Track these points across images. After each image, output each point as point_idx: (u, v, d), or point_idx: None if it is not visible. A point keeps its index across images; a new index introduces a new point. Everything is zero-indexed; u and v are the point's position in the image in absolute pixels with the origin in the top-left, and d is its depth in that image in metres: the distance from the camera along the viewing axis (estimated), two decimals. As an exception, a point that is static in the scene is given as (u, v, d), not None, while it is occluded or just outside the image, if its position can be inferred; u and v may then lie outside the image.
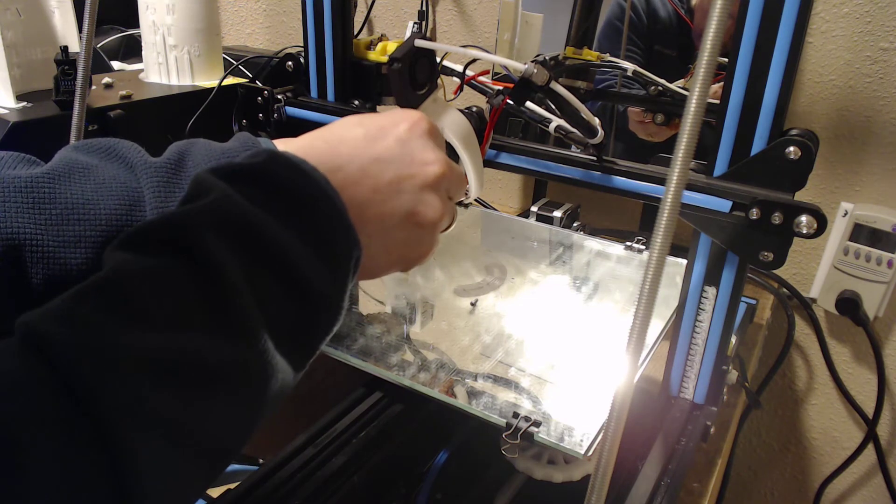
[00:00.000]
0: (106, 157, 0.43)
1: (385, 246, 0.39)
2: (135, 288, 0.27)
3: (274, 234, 0.31)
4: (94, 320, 0.26)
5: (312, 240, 0.33)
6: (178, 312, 0.28)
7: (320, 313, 0.33)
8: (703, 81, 0.32)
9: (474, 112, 0.57)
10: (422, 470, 0.68)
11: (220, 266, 0.29)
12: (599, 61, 0.85)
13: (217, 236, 0.30)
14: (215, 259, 0.29)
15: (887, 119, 0.89)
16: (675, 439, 0.61)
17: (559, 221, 0.89)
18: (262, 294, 0.30)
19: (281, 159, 0.34)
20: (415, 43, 0.47)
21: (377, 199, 0.37)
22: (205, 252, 0.29)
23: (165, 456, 0.26)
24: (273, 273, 0.31)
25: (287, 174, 0.33)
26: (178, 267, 0.29)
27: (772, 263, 0.55)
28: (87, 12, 0.57)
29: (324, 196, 0.34)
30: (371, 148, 0.38)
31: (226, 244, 0.30)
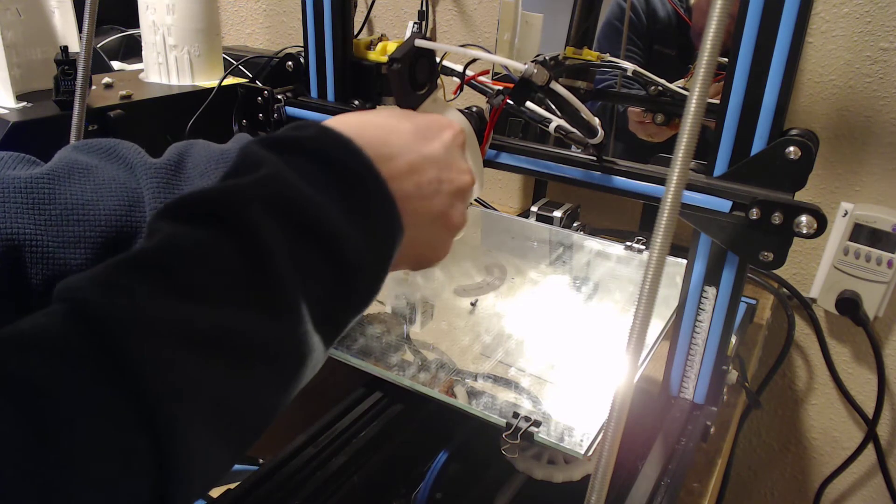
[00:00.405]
0: (106, 157, 0.44)
1: (413, 241, 0.39)
2: (182, 261, 0.27)
3: (323, 212, 0.31)
4: (141, 292, 0.26)
5: (360, 219, 0.33)
6: (224, 288, 0.28)
7: (359, 292, 0.34)
8: (703, 81, 0.32)
9: (474, 112, 0.57)
10: (422, 470, 0.68)
11: (268, 244, 0.29)
12: (599, 61, 0.85)
13: (266, 213, 0.30)
14: (263, 237, 0.29)
15: (887, 119, 0.89)
16: (675, 439, 0.61)
17: (559, 221, 0.89)
18: (306, 272, 0.30)
19: (331, 134, 0.34)
20: (415, 43, 0.47)
21: (418, 195, 0.39)
22: (254, 229, 0.29)
23: (204, 431, 0.26)
24: (320, 251, 0.31)
25: (337, 151, 0.34)
26: (225, 242, 0.29)
27: (772, 263, 0.55)
28: (87, 12, 0.57)
29: (372, 176, 0.34)
30: (420, 145, 0.40)
31: (275, 221, 0.30)
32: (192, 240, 0.28)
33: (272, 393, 0.30)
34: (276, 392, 0.30)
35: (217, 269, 0.28)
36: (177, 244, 0.28)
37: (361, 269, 0.33)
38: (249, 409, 0.28)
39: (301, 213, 0.31)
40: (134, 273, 0.27)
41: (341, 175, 0.33)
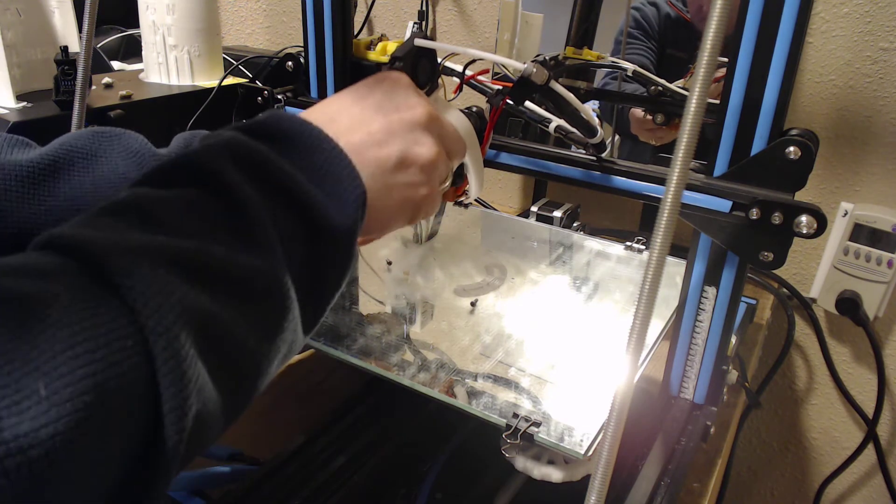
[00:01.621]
0: (109, 144, 0.44)
1: (387, 189, 0.40)
2: (155, 207, 0.28)
3: (284, 169, 0.33)
4: (118, 227, 0.27)
5: (317, 177, 0.34)
6: (201, 226, 0.29)
7: (332, 253, 0.35)
8: (703, 81, 0.32)
9: (474, 112, 0.57)
10: (422, 470, 0.68)
11: (240, 191, 0.30)
12: (599, 61, 0.85)
13: (234, 167, 0.31)
14: (234, 185, 0.30)
15: (887, 119, 0.89)
16: (675, 439, 0.61)
17: (559, 221, 0.89)
18: (277, 221, 0.32)
19: (278, 113, 0.37)
20: (415, 42, 0.47)
21: (372, 142, 0.39)
22: (224, 179, 0.30)
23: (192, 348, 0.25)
24: (286, 204, 0.32)
25: (286, 124, 0.36)
26: (202, 191, 0.30)
27: (772, 263, 0.55)
28: (87, 12, 0.57)
29: (321, 138, 0.36)
30: (359, 102, 0.41)
31: (243, 175, 0.31)
32: (160, 193, 0.29)
33: (254, 332, 0.30)
34: (258, 332, 0.30)
35: (194, 211, 0.29)
36: (147, 195, 0.29)
37: (331, 229, 0.34)
38: (233, 342, 0.28)
39: (271, 173, 0.33)
40: (109, 216, 0.27)
41: (291, 140, 0.35)
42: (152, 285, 0.24)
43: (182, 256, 0.27)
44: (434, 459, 0.68)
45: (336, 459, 0.65)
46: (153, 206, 0.28)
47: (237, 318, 0.28)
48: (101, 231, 0.26)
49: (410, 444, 0.71)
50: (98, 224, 0.27)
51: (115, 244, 0.25)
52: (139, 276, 0.24)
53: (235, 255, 0.29)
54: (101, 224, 0.27)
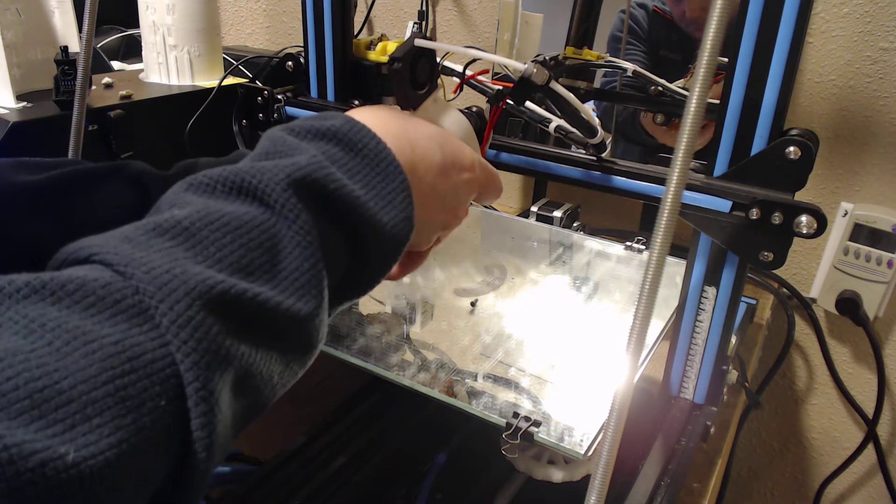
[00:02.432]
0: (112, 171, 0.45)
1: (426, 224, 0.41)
2: (209, 234, 0.27)
3: (355, 202, 0.32)
4: (169, 249, 0.26)
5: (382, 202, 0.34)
6: (253, 263, 0.28)
7: (362, 283, 0.35)
8: (703, 81, 0.32)
9: (474, 112, 0.57)
10: (422, 470, 0.68)
11: (301, 228, 0.30)
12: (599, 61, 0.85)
13: (300, 196, 0.30)
14: (297, 220, 0.30)
15: (887, 119, 0.89)
16: (675, 439, 0.61)
17: (559, 221, 0.89)
18: (332, 260, 0.31)
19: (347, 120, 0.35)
20: (415, 42, 0.47)
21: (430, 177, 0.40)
22: (288, 210, 0.29)
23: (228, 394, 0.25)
24: (346, 241, 0.32)
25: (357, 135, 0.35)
26: (259, 220, 0.29)
27: (772, 263, 0.55)
28: (87, 12, 0.57)
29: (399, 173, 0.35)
30: (441, 182, 0.41)
31: (308, 206, 0.30)
32: (224, 213, 0.28)
33: (282, 369, 0.30)
34: (286, 369, 0.30)
35: (247, 245, 0.28)
36: (209, 215, 0.28)
37: (375, 263, 0.34)
38: (261, 381, 0.28)
39: (335, 201, 0.32)
40: (160, 236, 0.27)
41: (372, 168, 0.34)
42: (193, 331, 0.24)
43: (229, 298, 0.26)
44: (434, 459, 0.68)
45: (336, 459, 0.65)
46: (207, 230, 0.27)
47: (271, 360, 0.28)
48: (147, 252, 0.25)
49: (410, 444, 0.71)
50: (146, 243, 0.26)
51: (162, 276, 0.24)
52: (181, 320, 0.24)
53: (287, 299, 0.28)
54: (149, 244, 0.26)
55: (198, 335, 0.24)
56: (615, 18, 0.96)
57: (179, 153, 0.47)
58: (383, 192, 0.34)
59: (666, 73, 0.85)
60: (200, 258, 0.26)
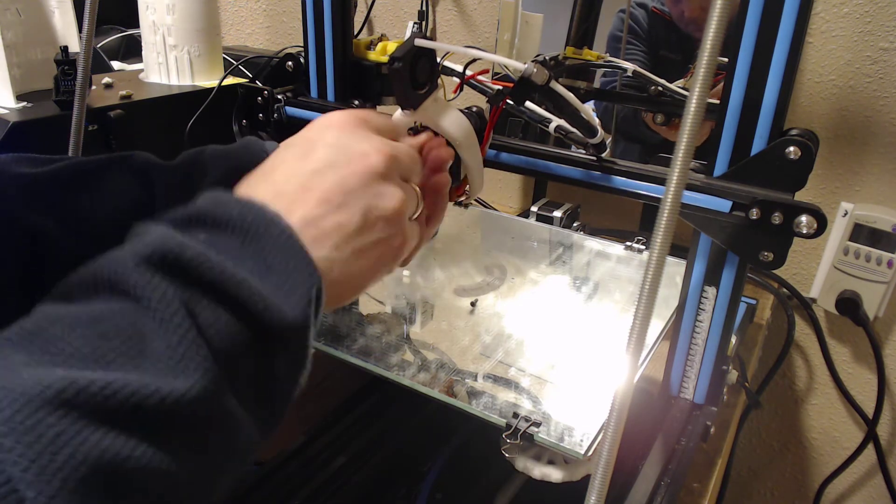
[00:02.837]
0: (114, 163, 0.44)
1: (356, 254, 0.36)
2: (57, 329, 0.25)
3: (217, 267, 0.28)
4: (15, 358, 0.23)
5: (260, 268, 0.30)
6: (111, 348, 0.25)
7: (282, 352, 0.30)
8: (703, 81, 0.32)
9: (474, 112, 0.57)
10: (422, 470, 0.68)
11: (159, 299, 0.26)
12: (599, 61, 0.85)
13: (153, 271, 0.27)
14: (151, 293, 0.26)
15: (887, 119, 0.89)
16: (675, 439, 0.61)
17: (559, 221, 0.89)
18: (210, 328, 0.27)
19: (217, 196, 0.32)
20: (415, 42, 0.47)
21: (328, 209, 0.34)
22: (141, 288, 0.26)
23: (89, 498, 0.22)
24: (221, 306, 0.28)
25: (223, 209, 0.31)
26: (112, 306, 0.26)
27: (772, 263, 0.55)
28: (87, 12, 0.57)
29: (266, 220, 0.31)
30: (305, 160, 0.36)
31: (164, 279, 0.27)
32: (75, 307, 0.26)
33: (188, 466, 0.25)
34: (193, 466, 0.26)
35: (105, 330, 0.25)
36: (55, 313, 0.25)
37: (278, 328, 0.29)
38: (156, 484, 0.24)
39: (202, 273, 0.28)
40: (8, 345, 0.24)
41: (229, 227, 0.30)
42: (36, 443, 0.21)
43: (83, 392, 0.22)
44: (434, 459, 0.68)
45: (336, 459, 0.65)
46: (55, 327, 0.25)
47: (160, 456, 0.24)
48: None
49: (410, 444, 0.71)
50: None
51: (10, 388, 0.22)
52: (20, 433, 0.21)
53: (156, 381, 0.24)
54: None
55: (28, 440, 0.21)
56: (615, 18, 0.96)
57: (179, 153, 0.46)
58: (265, 259, 0.30)
59: (666, 74, 0.85)
60: (45, 360, 0.24)
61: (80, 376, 0.23)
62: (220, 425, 0.27)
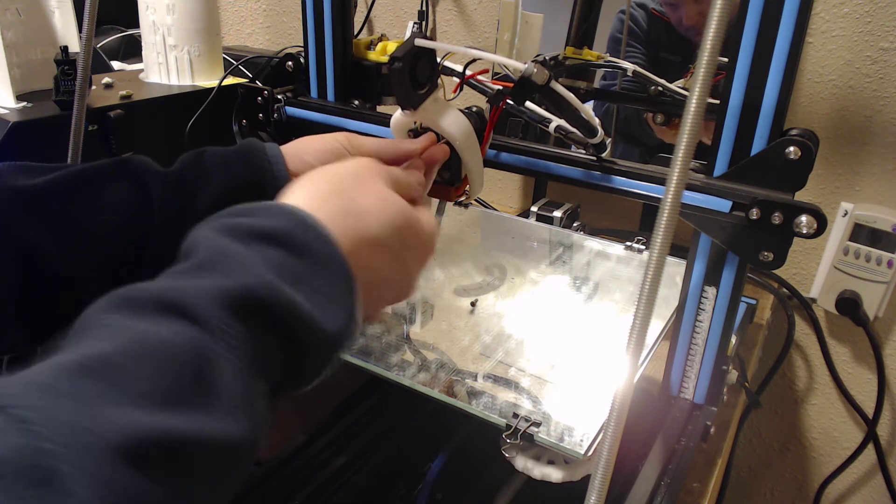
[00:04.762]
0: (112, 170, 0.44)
1: None
2: (131, 363, 0.25)
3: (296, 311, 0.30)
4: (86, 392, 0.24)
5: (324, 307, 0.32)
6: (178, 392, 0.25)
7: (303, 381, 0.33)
8: (703, 81, 0.32)
9: (474, 112, 0.57)
10: (422, 470, 0.68)
11: (233, 343, 0.27)
12: (599, 61, 0.85)
13: (235, 315, 0.28)
14: (229, 337, 0.27)
15: (887, 119, 0.89)
16: (675, 439, 0.61)
17: (559, 221, 0.89)
18: (262, 359, 0.29)
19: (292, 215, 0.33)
20: (415, 42, 0.47)
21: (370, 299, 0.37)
22: (219, 331, 0.27)
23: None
24: (279, 338, 0.30)
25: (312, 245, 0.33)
26: (188, 343, 0.26)
27: (772, 263, 0.55)
28: (87, 12, 0.57)
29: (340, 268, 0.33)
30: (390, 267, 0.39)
31: (244, 324, 0.28)
32: (153, 340, 0.26)
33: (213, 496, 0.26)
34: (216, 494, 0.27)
35: (177, 373, 0.25)
36: (136, 345, 0.26)
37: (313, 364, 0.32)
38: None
39: (278, 317, 0.29)
40: (86, 378, 0.24)
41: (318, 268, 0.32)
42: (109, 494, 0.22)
43: (156, 447, 0.23)
44: (434, 459, 0.68)
45: (336, 459, 0.65)
46: (128, 359, 0.25)
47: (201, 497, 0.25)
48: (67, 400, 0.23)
49: (410, 444, 0.71)
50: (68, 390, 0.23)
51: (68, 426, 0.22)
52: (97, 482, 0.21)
53: (218, 428, 0.25)
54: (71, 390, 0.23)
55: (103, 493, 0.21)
56: (615, 20, 0.96)
57: (179, 153, 0.46)
58: (328, 297, 0.32)
59: (665, 75, 0.85)
60: (123, 397, 0.24)
61: (155, 427, 0.23)
62: (250, 459, 0.28)
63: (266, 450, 0.65)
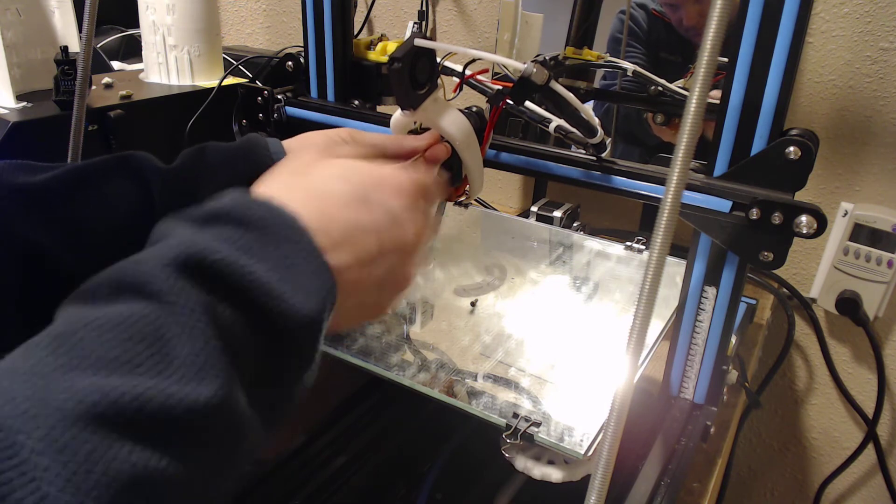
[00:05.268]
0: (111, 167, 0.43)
1: (355, 304, 0.37)
2: (85, 334, 0.25)
3: (241, 266, 0.29)
4: (34, 365, 0.24)
5: (278, 266, 0.30)
6: (136, 354, 0.25)
7: (290, 352, 0.31)
8: (703, 81, 0.32)
9: (474, 112, 0.57)
10: (422, 470, 0.68)
11: (179, 304, 0.27)
12: (599, 61, 0.85)
13: (174, 275, 0.27)
14: (175, 297, 0.27)
15: (887, 119, 0.89)
16: (675, 439, 0.61)
17: (559, 221, 0.89)
18: (227, 332, 0.28)
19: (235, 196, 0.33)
20: (415, 42, 0.47)
21: (356, 266, 0.36)
22: (164, 291, 0.27)
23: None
24: (239, 307, 0.29)
25: (245, 208, 0.31)
26: (135, 310, 0.26)
27: (772, 263, 0.55)
28: (87, 12, 0.57)
29: (285, 222, 0.32)
30: (358, 214, 0.36)
31: (185, 282, 0.27)
32: (99, 310, 0.26)
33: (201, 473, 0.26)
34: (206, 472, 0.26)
35: (128, 335, 0.25)
36: (85, 319, 0.25)
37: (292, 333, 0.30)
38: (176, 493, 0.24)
39: (222, 275, 0.28)
40: (33, 353, 0.24)
41: (270, 239, 0.31)
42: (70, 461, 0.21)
43: (114, 405, 0.23)
44: (434, 459, 0.68)
45: (336, 459, 0.65)
46: (83, 331, 0.25)
47: (182, 465, 0.24)
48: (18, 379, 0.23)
49: (410, 444, 0.71)
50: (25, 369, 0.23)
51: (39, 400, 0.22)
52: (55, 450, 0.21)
53: (181, 389, 0.25)
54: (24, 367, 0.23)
55: (64, 459, 0.21)
56: (615, 20, 0.96)
57: (179, 153, 0.46)
58: (285, 262, 0.31)
59: (665, 75, 0.85)
60: (74, 364, 0.24)
61: (110, 388, 0.23)
62: (234, 428, 0.27)
63: (266, 450, 0.65)
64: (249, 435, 0.28)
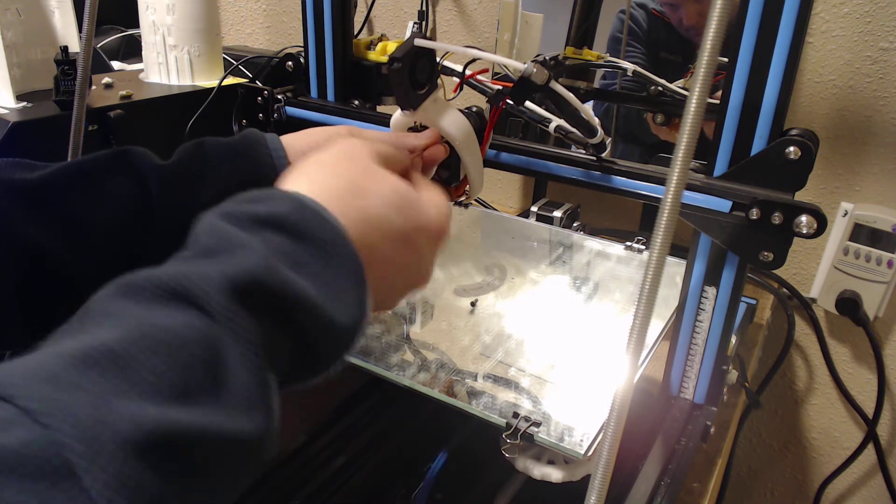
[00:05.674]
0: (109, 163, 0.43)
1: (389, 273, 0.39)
2: (141, 355, 0.24)
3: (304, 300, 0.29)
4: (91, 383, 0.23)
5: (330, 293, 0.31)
6: (188, 383, 0.25)
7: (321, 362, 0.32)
8: (703, 81, 0.32)
9: (474, 112, 0.57)
10: (422, 470, 0.68)
11: (240, 331, 0.27)
12: (599, 61, 0.85)
13: (239, 301, 0.27)
14: (235, 324, 0.27)
15: (887, 119, 0.89)
16: (675, 439, 0.61)
17: (559, 221, 0.89)
18: (273, 352, 0.28)
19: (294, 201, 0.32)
20: (415, 42, 0.47)
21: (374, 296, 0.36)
22: (225, 317, 0.27)
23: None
24: (288, 326, 0.29)
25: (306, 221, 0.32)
26: (197, 333, 0.26)
27: (772, 263, 0.55)
28: (87, 12, 0.57)
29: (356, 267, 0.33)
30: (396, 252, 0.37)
31: (248, 310, 0.28)
32: (160, 328, 0.25)
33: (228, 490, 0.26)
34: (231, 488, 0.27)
35: (187, 364, 0.25)
36: (143, 335, 0.25)
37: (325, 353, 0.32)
38: None
39: (282, 302, 0.29)
40: (90, 369, 0.23)
41: (322, 253, 0.31)
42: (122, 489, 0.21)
43: (171, 441, 0.23)
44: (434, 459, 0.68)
45: (336, 459, 0.65)
46: (138, 351, 0.24)
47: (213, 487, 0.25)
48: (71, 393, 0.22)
49: (410, 444, 0.71)
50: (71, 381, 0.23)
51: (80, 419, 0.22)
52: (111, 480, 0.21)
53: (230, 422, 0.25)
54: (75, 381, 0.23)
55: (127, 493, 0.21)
56: (615, 20, 0.96)
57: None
58: (335, 283, 0.31)
59: (666, 75, 0.85)
60: (134, 390, 0.23)
61: (168, 421, 0.23)
62: (265, 454, 0.28)
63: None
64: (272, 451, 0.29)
